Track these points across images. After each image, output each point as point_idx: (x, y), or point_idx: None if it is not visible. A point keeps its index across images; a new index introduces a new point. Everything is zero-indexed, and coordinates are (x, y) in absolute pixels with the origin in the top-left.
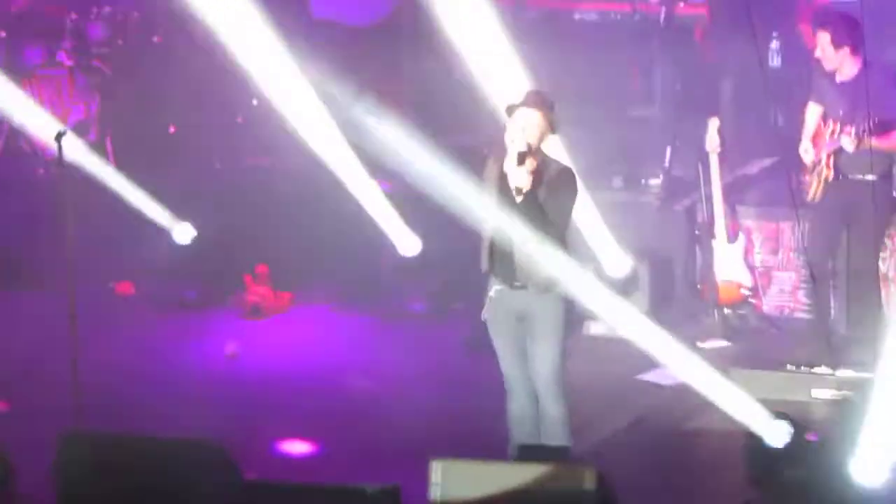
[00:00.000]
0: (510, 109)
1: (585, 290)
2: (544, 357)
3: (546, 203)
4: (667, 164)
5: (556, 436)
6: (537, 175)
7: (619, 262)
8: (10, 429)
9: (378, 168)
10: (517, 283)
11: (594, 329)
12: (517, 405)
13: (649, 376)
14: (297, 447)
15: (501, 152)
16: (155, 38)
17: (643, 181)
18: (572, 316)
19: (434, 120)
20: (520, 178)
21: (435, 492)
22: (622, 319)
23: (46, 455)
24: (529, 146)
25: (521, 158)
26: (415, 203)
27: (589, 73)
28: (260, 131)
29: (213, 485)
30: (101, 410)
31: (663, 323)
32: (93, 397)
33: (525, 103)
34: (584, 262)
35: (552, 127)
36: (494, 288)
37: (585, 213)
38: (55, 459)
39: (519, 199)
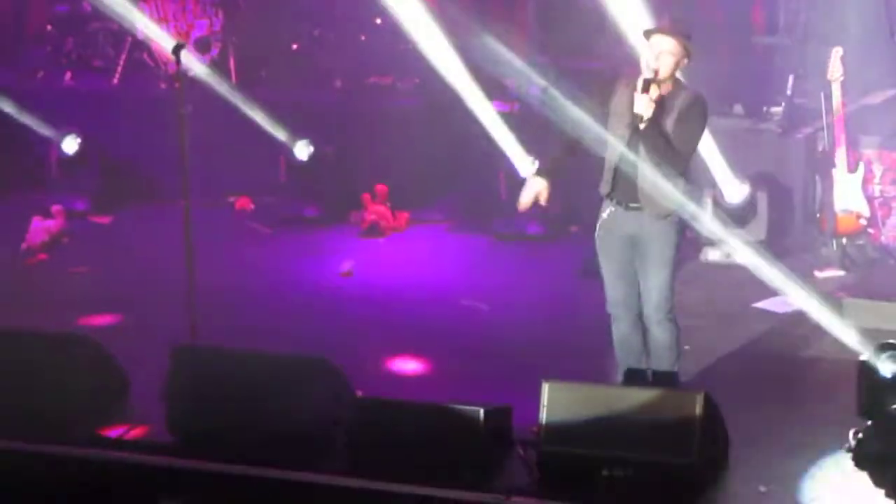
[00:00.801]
0: (647, 34)
1: (702, 218)
2: (655, 281)
3: (673, 132)
4: (789, 93)
5: (663, 360)
6: (666, 103)
7: (737, 188)
8: (126, 341)
9: (498, 89)
10: (633, 205)
11: (710, 255)
12: (621, 330)
13: (764, 304)
14: (410, 365)
15: (633, 77)
16: None
17: (765, 109)
18: (684, 242)
19: (558, 43)
20: (642, 105)
21: (544, 412)
22: (738, 246)
23: (159, 367)
24: (656, 73)
25: (647, 86)
26: (534, 125)
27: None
28: (382, 50)
29: (324, 400)
30: (216, 325)
31: (780, 251)
32: (207, 311)
33: (661, 29)
34: (702, 189)
35: (688, 54)
36: (608, 209)
37: (705, 139)
38: (168, 372)
39: (642, 126)
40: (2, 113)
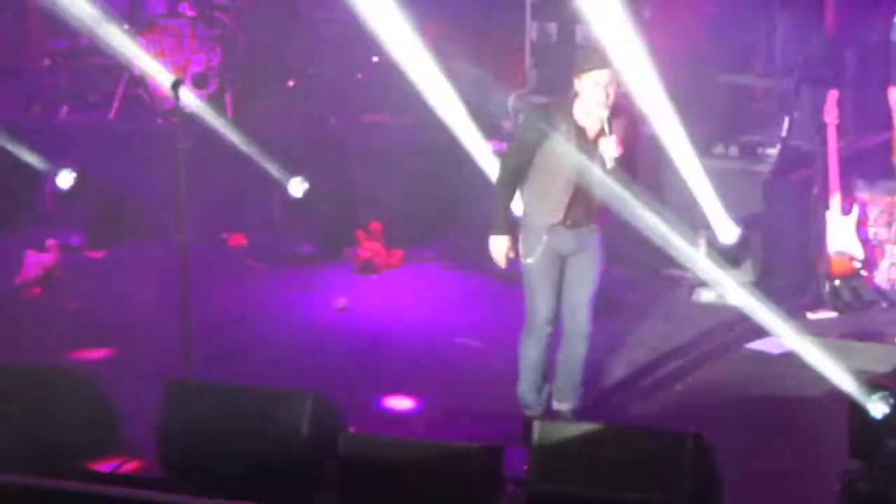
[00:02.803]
0: (584, 71)
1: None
2: (588, 293)
3: (630, 160)
4: (784, 135)
5: (578, 375)
6: (617, 134)
7: (731, 229)
8: (118, 375)
9: (493, 129)
10: (568, 222)
11: (703, 296)
12: (542, 348)
13: (757, 344)
14: (402, 403)
15: (566, 105)
16: None
17: (760, 150)
18: None
19: (554, 82)
20: (611, 147)
21: (533, 451)
22: (731, 287)
23: (152, 402)
24: (606, 108)
25: (610, 127)
26: None
27: (710, 41)
28: (379, 88)
29: (316, 435)
30: (209, 360)
31: (773, 292)
32: (201, 347)
33: (601, 64)
34: (696, 229)
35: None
36: (548, 231)
37: (699, 179)
38: (160, 407)
39: (610, 164)
40: None
